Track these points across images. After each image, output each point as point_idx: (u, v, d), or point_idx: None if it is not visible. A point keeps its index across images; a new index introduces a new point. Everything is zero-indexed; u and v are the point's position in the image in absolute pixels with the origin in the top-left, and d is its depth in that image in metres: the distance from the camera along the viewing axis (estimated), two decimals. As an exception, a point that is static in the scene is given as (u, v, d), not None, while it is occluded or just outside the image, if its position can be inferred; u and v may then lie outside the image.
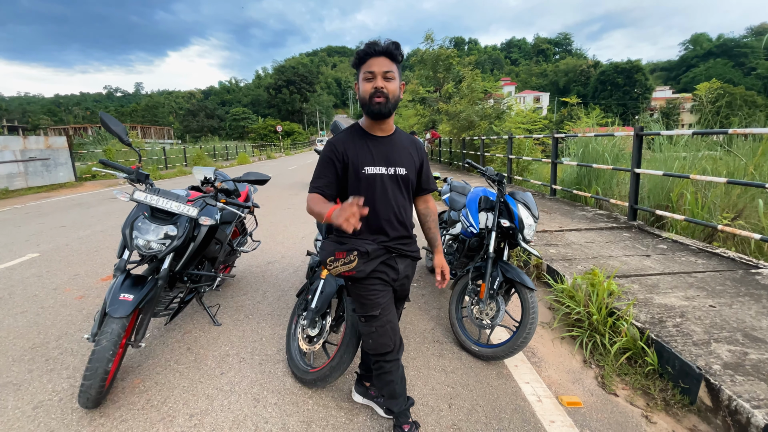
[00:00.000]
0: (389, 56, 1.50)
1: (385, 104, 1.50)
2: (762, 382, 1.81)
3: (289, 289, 3.45)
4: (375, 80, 1.49)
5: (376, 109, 1.51)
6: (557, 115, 38.21)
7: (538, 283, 3.57)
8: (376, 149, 1.60)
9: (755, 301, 2.65)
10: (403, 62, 1.56)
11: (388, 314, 1.66)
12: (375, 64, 1.49)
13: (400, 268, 1.70)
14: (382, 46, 1.49)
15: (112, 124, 2.04)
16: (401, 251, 1.69)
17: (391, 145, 1.63)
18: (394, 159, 1.62)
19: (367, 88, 1.50)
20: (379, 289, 1.64)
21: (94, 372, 1.80)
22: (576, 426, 1.86)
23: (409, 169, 1.65)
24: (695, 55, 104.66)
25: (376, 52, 1.48)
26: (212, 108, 76.33)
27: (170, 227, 2.08)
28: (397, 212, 1.64)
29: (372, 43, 1.50)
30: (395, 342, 1.67)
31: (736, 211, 4.52)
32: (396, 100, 1.53)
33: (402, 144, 1.67)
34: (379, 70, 1.48)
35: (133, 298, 1.91)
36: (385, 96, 1.49)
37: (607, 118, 10.53)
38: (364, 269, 1.61)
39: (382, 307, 1.64)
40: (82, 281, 3.71)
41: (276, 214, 6.82)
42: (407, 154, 1.66)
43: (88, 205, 8.25)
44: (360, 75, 1.53)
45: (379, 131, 1.62)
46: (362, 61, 1.52)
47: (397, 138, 1.66)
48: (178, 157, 20.70)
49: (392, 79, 1.50)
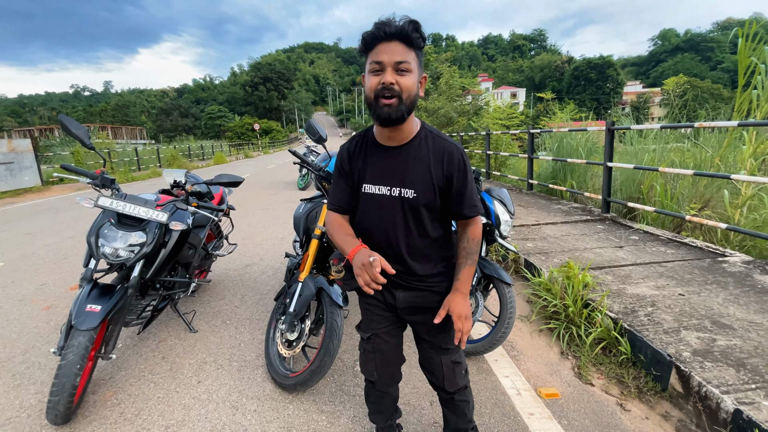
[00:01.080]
0: (404, 40, 1.11)
1: (396, 107, 1.13)
2: (730, 368, 1.88)
3: (268, 292, 3.39)
4: (383, 73, 1.12)
5: (383, 114, 1.14)
6: (533, 111, 38.94)
7: (516, 277, 3.63)
8: (380, 163, 1.27)
9: (722, 288, 2.76)
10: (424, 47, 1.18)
11: (380, 344, 1.47)
12: (384, 51, 1.11)
13: (398, 296, 1.38)
14: (395, 27, 1.10)
15: (73, 126, 1.95)
16: (401, 279, 1.35)
17: (400, 159, 1.25)
18: (401, 177, 1.25)
19: (372, 84, 1.14)
20: (374, 311, 1.44)
21: (61, 387, 1.72)
22: (554, 417, 1.90)
23: (421, 190, 1.24)
24: (664, 50, 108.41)
25: (386, 35, 1.11)
26: (186, 106, 74.40)
27: (139, 233, 2.00)
28: (396, 243, 1.29)
29: (382, 24, 1.11)
30: (380, 376, 1.50)
31: (703, 201, 4.71)
32: (412, 100, 1.15)
33: (418, 156, 1.24)
34: (390, 59, 1.11)
35: (101, 308, 1.83)
36: (396, 95, 1.12)
37: (581, 113, 10.79)
38: (350, 283, 1.41)
39: (373, 332, 1.46)
40: (49, 291, 3.55)
41: (254, 215, 6.70)
42: (423, 170, 1.23)
43: (55, 211, 7.90)
44: (366, 65, 1.17)
45: (388, 140, 1.25)
46: (369, 48, 1.14)
47: (413, 149, 1.24)
48: (151, 158, 20.07)
49: (407, 72, 1.12)
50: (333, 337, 1.97)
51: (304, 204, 2.80)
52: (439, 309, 1.30)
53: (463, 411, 1.52)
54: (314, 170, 2.46)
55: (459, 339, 1.23)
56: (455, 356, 1.43)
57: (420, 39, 1.13)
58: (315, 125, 2.27)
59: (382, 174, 1.27)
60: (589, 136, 7.02)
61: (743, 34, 4.15)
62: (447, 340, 1.40)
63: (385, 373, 1.51)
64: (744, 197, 4.13)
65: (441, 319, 1.26)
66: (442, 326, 1.37)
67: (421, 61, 1.19)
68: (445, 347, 1.41)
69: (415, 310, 1.39)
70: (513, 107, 16.05)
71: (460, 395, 1.49)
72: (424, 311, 1.38)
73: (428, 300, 1.37)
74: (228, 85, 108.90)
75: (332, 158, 2.61)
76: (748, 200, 4.12)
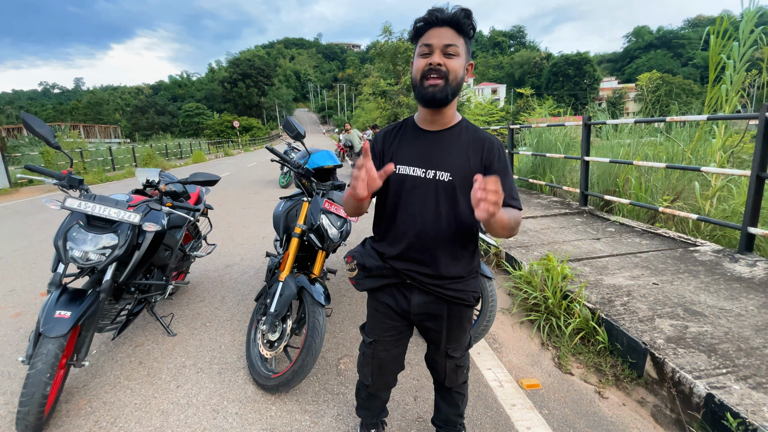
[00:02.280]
0: (456, 27, 1.15)
1: (442, 88, 1.15)
2: (702, 354, 1.95)
3: (250, 292, 3.34)
4: (432, 55, 1.15)
5: (428, 94, 1.16)
6: (514, 106, 39.49)
7: (498, 270, 3.67)
8: (417, 146, 1.27)
9: (693, 276, 2.86)
10: (475, 36, 1.21)
11: (380, 352, 1.43)
12: (435, 35, 1.15)
13: (413, 301, 1.33)
14: (448, 14, 1.15)
15: (36, 125, 1.86)
16: (417, 281, 1.30)
17: (440, 142, 1.25)
18: (438, 160, 1.23)
19: (420, 65, 1.17)
20: (382, 318, 1.40)
21: (30, 397, 1.65)
22: (535, 407, 1.93)
23: (457, 175, 1.21)
24: (638, 47, 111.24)
25: (438, 20, 1.15)
26: (163, 104, 72.36)
27: (110, 236, 1.93)
28: (424, 228, 1.25)
29: (434, 10, 1.16)
30: (374, 382, 1.49)
31: (676, 193, 4.86)
32: (458, 83, 1.18)
33: (458, 141, 1.24)
34: (439, 42, 1.14)
35: (71, 314, 1.76)
36: (443, 76, 1.15)
37: (559, 108, 10.99)
38: (362, 283, 1.41)
39: (376, 338, 1.43)
40: (18, 297, 3.40)
41: (234, 214, 6.58)
42: (461, 155, 1.23)
43: (24, 214, 7.58)
44: (416, 49, 1.21)
45: (430, 124, 1.26)
46: (420, 33, 1.19)
47: (453, 133, 1.25)
48: (126, 157, 19.46)
49: (455, 56, 1.15)
50: (315, 336, 1.95)
51: (283, 202, 2.76)
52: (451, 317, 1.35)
53: (457, 403, 1.54)
54: (293, 168, 2.42)
55: (481, 206, 0.96)
56: (460, 360, 1.43)
57: (470, 26, 1.17)
58: (293, 122, 2.23)
59: (418, 156, 1.26)
60: (567, 132, 7.15)
61: (714, 32, 4.28)
62: (455, 347, 1.40)
63: (380, 380, 1.49)
64: (714, 189, 4.28)
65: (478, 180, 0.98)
66: (452, 334, 1.37)
67: (469, 48, 1.22)
68: (452, 354, 1.41)
69: (428, 316, 1.36)
70: (494, 103, 16.22)
71: (457, 389, 1.52)
72: (437, 319, 1.36)
73: (443, 308, 1.34)
74: (206, 82, 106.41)
75: (312, 155, 2.58)
76: (717, 191, 4.28)
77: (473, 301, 1.35)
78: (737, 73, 4.11)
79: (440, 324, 1.36)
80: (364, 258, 1.39)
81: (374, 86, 22.04)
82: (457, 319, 1.37)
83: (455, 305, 1.33)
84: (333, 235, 2.30)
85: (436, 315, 1.35)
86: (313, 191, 2.43)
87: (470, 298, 1.33)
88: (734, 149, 4.55)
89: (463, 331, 1.40)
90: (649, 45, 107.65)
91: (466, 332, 1.43)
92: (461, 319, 1.38)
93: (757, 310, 2.33)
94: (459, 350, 1.41)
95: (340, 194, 2.52)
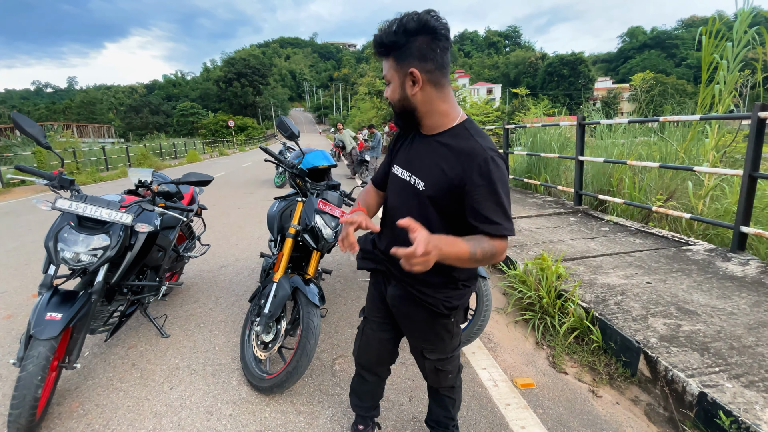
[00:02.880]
0: (381, 56, 1.19)
1: (395, 114, 1.26)
2: (695, 352, 1.96)
3: (244, 293, 3.32)
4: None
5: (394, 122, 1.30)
6: (509, 106, 39.61)
7: (493, 270, 3.68)
8: (411, 149, 1.28)
9: (686, 275, 2.88)
10: (401, 42, 1.11)
11: (368, 331, 1.51)
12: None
13: (389, 291, 1.39)
14: (375, 43, 1.17)
15: (27, 124, 1.84)
16: (392, 274, 1.34)
17: (425, 148, 1.22)
18: (418, 166, 1.22)
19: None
20: (373, 299, 1.50)
21: (21, 400, 1.64)
22: (530, 407, 1.94)
23: (430, 183, 1.18)
24: (632, 47, 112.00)
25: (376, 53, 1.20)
26: (157, 103, 71.84)
27: (102, 236, 1.91)
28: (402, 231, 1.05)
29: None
30: (358, 357, 1.57)
31: (669, 192, 4.90)
32: (399, 104, 1.19)
33: (439, 150, 1.17)
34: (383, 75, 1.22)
35: (62, 316, 1.74)
36: (391, 105, 1.25)
37: (554, 108, 11.02)
38: (359, 262, 1.47)
39: (367, 315, 1.53)
40: (10, 299, 3.37)
41: (229, 215, 6.55)
42: (439, 166, 1.16)
43: (16, 214, 7.50)
44: None
45: (422, 128, 1.24)
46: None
47: (440, 140, 1.18)
48: (120, 157, 19.29)
49: (389, 83, 1.20)
50: (309, 337, 1.94)
51: (278, 202, 2.74)
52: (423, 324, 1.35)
53: (446, 406, 1.54)
54: (287, 167, 2.41)
55: (405, 259, 0.95)
56: (439, 364, 1.41)
57: (381, 49, 1.15)
58: (287, 121, 2.22)
59: (407, 159, 1.27)
60: (561, 131, 7.18)
61: (707, 32, 4.32)
62: (431, 350, 1.40)
63: (364, 357, 1.56)
64: (707, 188, 4.32)
65: (404, 223, 0.98)
66: (423, 335, 1.38)
67: (402, 58, 1.12)
68: (427, 356, 1.41)
69: (398, 311, 1.38)
70: (489, 103, 16.26)
71: (445, 391, 1.52)
72: (406, 316, 1.37)
73: (411, 307, 1.33)
74: (201, 81, 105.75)
75: (306, 155, 2.57)
76: (710, 191, 4.31)
77: (443, 310, 1.28)
78: (730, 74, 4.14)
79: (410, 322, 1.38)
80: (362, 241, 1.46)
81: (370, 86, 22.06)
82: (427, 322, 1.34)
83: (424, 307, 1.30)
84: (327, 235, 2.29)
85: (407, 312, 1.36)
86: (307, 191, 2.42)
87: (440, 306, 1.27)
88: (727, 149, 4.59)
89: (436, 336, 1.37)
90: (643, 45, 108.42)
91: (443, 339, 1.37)
92: (432, 324, 1.34)
93: (750, 309, 2.35)
94: (435, 353, 1.40)
95: (334, 194, 2.52)
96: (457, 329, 1.40)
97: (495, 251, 1.08)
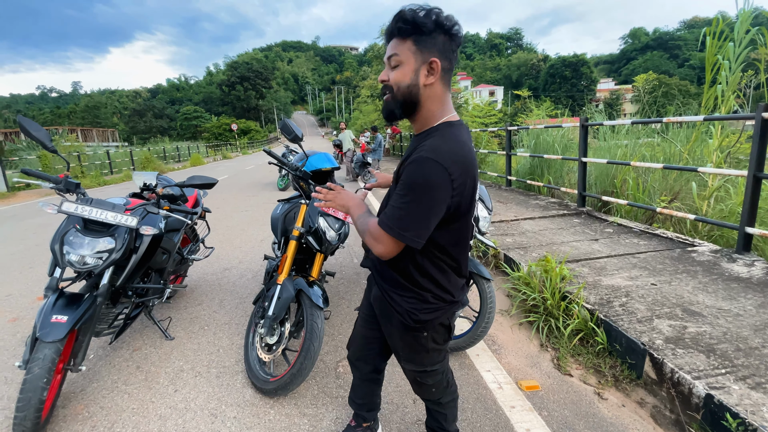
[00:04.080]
0: (396, 35, 1.10)
1: (389, 102, 1.14)
2: (701, 354, 1.95)
3: (248, 295, 3.33)
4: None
5: (383, 110, 1.17)
6: (511, 108, 39.60)
7: (496, 272, 3.67)
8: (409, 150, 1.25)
9: (692, 277, 2.86)
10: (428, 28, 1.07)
11: (358, 323, 1.57)
12: (388, 49, 1.13)
13: (372, 292, 1.41)
14: (389, 25, 1.10)
15: (33, 129, 1.86)
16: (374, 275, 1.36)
17: (410, 149, 1.20)
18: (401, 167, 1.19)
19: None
20: (366, 297, 1.52)
21: (27, 402, 1.64)
22: (535, 409, 1.93)
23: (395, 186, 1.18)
24: (634, 48, 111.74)
25: (386, 35, 1.13)
26: (161, 107, 72.36)
27: (107, 239, 1.92)
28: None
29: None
30: (350, 344, 1.63)
31: (673, 193, 4.88)
32: (404, 91, 1.10)
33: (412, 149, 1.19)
34: (386, 57, 1.14)
35: (68, 319, 1.75)
36: (390, 90, 1.12)
37: (557, 110, 11.00)
38: (364, 261, 1.47)
39: (358, 308, 1.61)
40: (15, 302, 3.39)
41: (233, 217, 6.57)
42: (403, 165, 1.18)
43: (21, 218, 7.56)
44: None
45: (414, 124, 1.20)
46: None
47: (417, 140, 1.17)
48: (124, 160, 19.42)
49: (398, 65, 1.10)
50: (313, 339, 1.94)
51: (281, 205, 2.75)
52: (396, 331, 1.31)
53: (437, 418, 1.53)
54: (291, 170, 2.42)
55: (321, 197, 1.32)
56: (418, 376, 1.39)
57: (406, 27, 1.06)
58: (290, 124, 2.23)
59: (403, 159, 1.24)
60: (564, 133, 7.17)
61: (711, 33, 4.31)
62: (406, 359, 1.37)
63: (350, 348, 1.63)
64: (711, 189, 4.29)
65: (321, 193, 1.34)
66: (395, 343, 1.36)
67: (424, 47, 1.08)
68: (404, 365, 1.41)
69: (381, 314, 1.37)
70: (491, 105, 16.25)
71: (431, 404, 1.50)
72: (387, 321, 1.34)
73: (389, 314, 1.30)
74: (204, 85, 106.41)
75: (309, 158, 2.57)
76: (714, 192, 4.29)
77: (410, 322, 1.22)
78: (733, 74, 4.13)
79: (388, 328, 1.36)
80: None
81: (372, 88, 22.08)
82: (398, 331, 1.29)
83: (395, 316, 1.27)
84: (331, 237, 2.29)
85: (384, 316, 1.34)
86: (310, 194, 2.42)
87: (406, 317, 1.22)
88: (731, 149, 4.57)
89: (408, 347, 1.32)
90: (645, 46, 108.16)
91: (417, 352, 1.32)
92: (402, 335, 1.29)
93: (756, 310, 2.33)
94: (411, 364, 1.36)
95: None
96: (434, 345, 1.30)
97: (366, 227, 1.16)
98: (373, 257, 1.33)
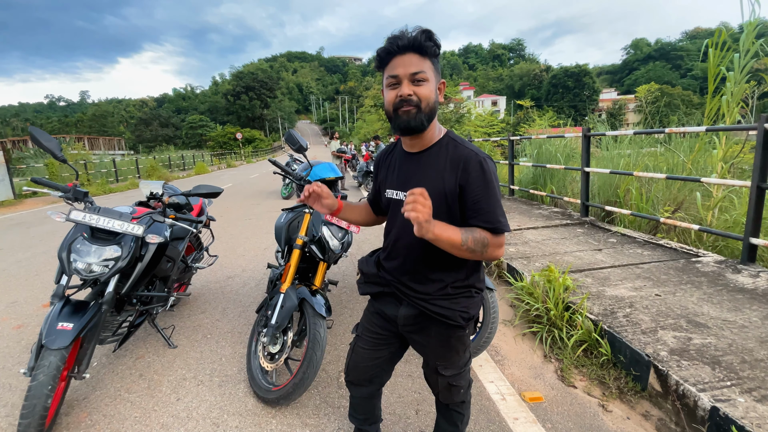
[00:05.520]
0: (418, 51, 1.13)
1: (415, 115, 1.14)
2: (706, 366, 1.93)
3: (251, 304, 3.33)
4: (400, 86, 1.14)
5: (404, 123, 1.15)
6: (514, 118, 39.74)
7: (499, 281, 3.66)
8: (400, 169, 1.29)
9: (696, 288, 2.84)
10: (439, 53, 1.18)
11: (359, 347, 1.48)
12: (400, 64, 1.13)
13: (400, 312, 1.34)
14: (407, 40, 1.11)
15: (44, 138, 1.90)
16: (405, 294, 1.31)
17: (418, 164, 1.24)
18: (415, 182, 1.21)
19: (390, 98, 1.17)
20: (371, 317, 1.46)
21: (31, 409, 1.65)
22: (538, 421, 1.91)
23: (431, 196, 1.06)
24: (636, 59, 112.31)
25: (399, 48, 1.13)
26: (167, 116, 73.13)
27: (113, 247, 1.95)
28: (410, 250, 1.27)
29: (394, 38, 1.13)
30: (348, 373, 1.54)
31: (677, 204, 4.86)
32: (431, 108, 1.16)
33: (433, 163, 1.22)
34: (405, 72, 1.13)
35: (74, 326, 1.77)
36: (414, 105, 1.13)
37: (559, 120, 11.06)
38: (361, 287, 1.45)
39: (359, 333, 1.49)
40: (21, 309, 3.41)
41: (236, 226, 6.60)
42: (437, 176, 1.19)
43: (28, 225, 7.63)
44: (383, 80, 1.20)
45: (410, 146, 1.27)
46: (384, 63, 1.17)
47: (432, 154, 1.23)
48: (130, 169, 19.63)
49: (424, 81, 1.13)
50: (316, 348, 1.94)
51: (285, 213, 2.77)
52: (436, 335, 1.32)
53: (455, 422, 1.52)
54: (295, 179, 2.45)
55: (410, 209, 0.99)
56: (453, 380, 1.39)
57: (434, 47, 1.14)
58: (295, 134, 2.26)
59: (399, 179, 1.29)
60: (567, 143, 7.19)
61: (713, 44, 4.34)
62: (446, 366, 1.38)
63: (353, 373, 1.53)
64: (715, 199, 4.28)
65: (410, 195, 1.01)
66: (439, 352, 1.36)
67: (437, 68, 1.18)
68: (442, 372, 1.39)
69: (413, 330, 1.35)
70: (494, 115, 16.35)
71: (455, 407, 1.50)
72: (421, 334, 1.34)
73: (427, 325, 1.31)
74: (209, 95, 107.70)
75: (313, 167, 2.60)
76: (719, 202, 4.28)
77: (461, 321, 1.27)
78: (737, 85, 4.14)
79: (425, 339, 1.35)
80: (365, 265, 1.45)
81: (375, 98, 22.27)
82: (443, 337, 1.32)
83: (440, 323, 1.29)
84: (334, 246, 2.31)
85: (421, 330, 1.33)
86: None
87: (457, 318, 1.26)
88: (734, 160, 4.57)
89: (452, 350, 1.35)
90: (647, 57, 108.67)
91: (458, 353, 1.36)
92: (448, 338, 1.32)
93: (761, 322, 2.31)
94: (450, 369, 1.38)
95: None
96: (469, 341, 1.40)
97: (488, 242, 1.13)
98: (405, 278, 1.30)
